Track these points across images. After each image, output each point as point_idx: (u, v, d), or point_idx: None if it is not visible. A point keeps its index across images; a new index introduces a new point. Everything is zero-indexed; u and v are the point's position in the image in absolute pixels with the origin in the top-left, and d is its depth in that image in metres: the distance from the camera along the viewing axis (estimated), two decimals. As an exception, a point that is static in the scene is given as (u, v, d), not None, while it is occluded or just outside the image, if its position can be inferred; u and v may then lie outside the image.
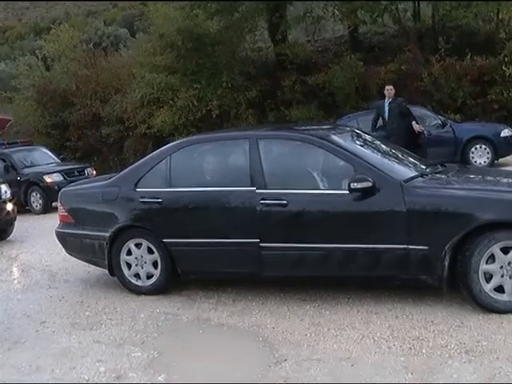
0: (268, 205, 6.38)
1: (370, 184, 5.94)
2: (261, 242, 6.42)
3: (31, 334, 6.39)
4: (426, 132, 13.84)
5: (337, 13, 22.08)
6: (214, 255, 6.73)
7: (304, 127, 8.04)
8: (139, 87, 22.21)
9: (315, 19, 22.70)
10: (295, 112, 19.71)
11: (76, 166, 18.83)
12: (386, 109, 13.56)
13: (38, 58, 31.08)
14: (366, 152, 6.84)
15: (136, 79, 23.10)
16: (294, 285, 6.89)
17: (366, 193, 6.00)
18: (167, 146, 7.55)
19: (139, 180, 7.29)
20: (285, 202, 6.30)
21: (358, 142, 7.12)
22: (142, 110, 22.29)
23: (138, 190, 7.23)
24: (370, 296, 6.39)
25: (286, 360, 5.14)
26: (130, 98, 23.00)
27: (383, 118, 13.50)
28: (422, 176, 6.52)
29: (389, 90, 13.71)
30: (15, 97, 27.54)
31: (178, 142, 7.86)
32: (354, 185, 5.99)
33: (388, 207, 6.01)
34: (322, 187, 6.46)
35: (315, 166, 6.68)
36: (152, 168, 7.29)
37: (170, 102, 21.24)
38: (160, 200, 6.99)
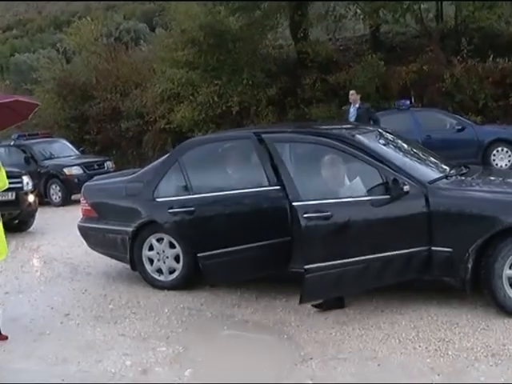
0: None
1: (408, 188, 5.87)
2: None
3: (56, 325, 6.44)
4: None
5: (359, 12, 21.97)
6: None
7: (326, 127, 7.86)
8: (159, 82, 22.23)
9: (337, 18, 22.59)
10: (315, 110, 19.64)
11: (96, 160, 18.91)
12: (352, 115, 13.50)
13: (58, 51, 31.18)
14: (392, 153, 6.75)
15: (156, 74, 23.13)
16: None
17: (397, 196, 5.89)
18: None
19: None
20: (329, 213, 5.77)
21: (382, 142, 7.04)
22: (161, 105, 22.31)
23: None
24: (394, 296, 6.36)
25: (311, 358, 5.14)
26: (150, 92, 23.02)
27: None
28: (446, 177, 6.50)
29: (353, 94, 13.75)
30: (35, 89, 27.63)
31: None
32: (397, 189, 5.87)
33: (414, 209, 5.97)
34: (355, 194, 6.09)
35: (344, 170, 6.35)
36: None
37: (190, 97, 21.23)
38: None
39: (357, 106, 13.62)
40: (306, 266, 5.63)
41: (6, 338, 6.08)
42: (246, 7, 21.25)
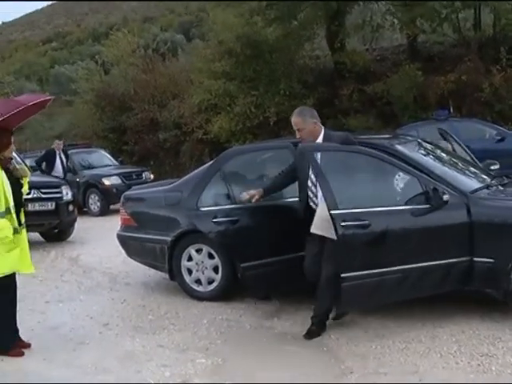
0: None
1: (448, 197, 5.81)
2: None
3: (95, 335, 6.46)
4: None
5: (396, 22, 21.87)
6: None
7: (365, 136, 7.80)
8: (197, 93, 22.34)
9: (374, 28, 22.51)
10: (353, 121, 19.54)
11: (134, 170, 19.06)
12: None
13: (97, 62, 31.52)
14: (432, 162, 6.72)
15: (194, 85, 23.25)
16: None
17: (437, 206, 5.81)
18: None
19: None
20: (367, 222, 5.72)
21: (422, 152, 6.98)
22: (199, 116, 22.43)
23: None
24: (434, 309, 6.29)
25: (352, 372, 5.09)
26: (187, 103, 23.16)
27: None
28: (487, 187, 6.43)
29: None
30: (74, 100, 27.98)
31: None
32: (437, 198, 5.81)
33: (455, 219, 5.91)
34: (394, 203, 6.00)
35: (383, 180, 6.27)
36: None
37: (228, 108, 21.29)
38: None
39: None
40: (343, 275, 5.58)
41: (29, 345, 6.10)
42: (282, 17, 21.28)
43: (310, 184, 5.93)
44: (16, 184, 6.00)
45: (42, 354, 5.94)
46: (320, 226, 5.77)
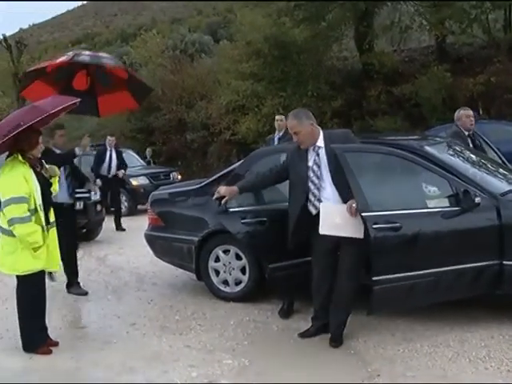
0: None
1: (480, 200, 5.75)
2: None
3: (122, 334, 6.49)
4: None
5: (425, 23, 21.73)
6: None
7: (394, 137, 7.76)
8: (225, 94, 22.39)
9: (402, 29, 22.38)
10: (380, 122, 19.45)
11: (162, 170, 19.10)
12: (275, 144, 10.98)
13: (125, 63, 31.67)
14: (462, 164, 6.63)
15: (221, 86, 23.31)
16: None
17: (468, 208, 5.76)
18: None
19: None
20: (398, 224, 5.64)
21: (452, 154, 6.89)
22: (227, 117, 22.47)
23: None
24: (462, 313, 6.24)
25: (379, 375, 5.05)
26: (215, 104, 23.22)
27: None
28: (517, 189, 6.35)
29: (278, 121, 11.33)
30: (103, 101, 28.15)
31: None
32: (468, 200, 5.75)
33: (485, 222, 5.84)
34: (424, 205, 5.94)
35: (413, 181, 6.25)
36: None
37: (255, 109, 21.28)
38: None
39: (280, 134, 11.16)
40: (375, 278, 5.53)
41: (57, 344, 6.15)
42: (311, 18, 21.22)
43: (311, 186, 5.77)
44: (45, 183, 6.05)
45: (70, 352, 5.97)
46: (337, 226, 5.60)
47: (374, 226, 5.52)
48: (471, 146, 8.24)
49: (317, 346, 5.79)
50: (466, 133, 8.60)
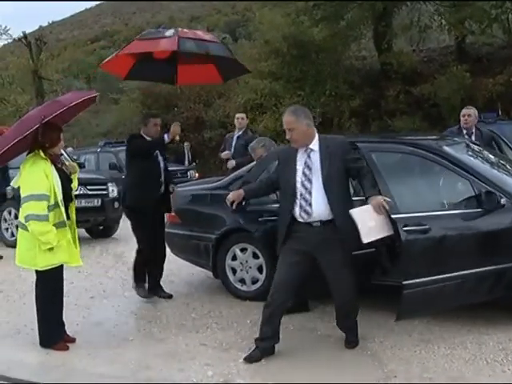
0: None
1: (505, 201, 5.71)
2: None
3: (139, 332, 6.51)
4: None
5: (444, 23, 21.62)
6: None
7: (415, 138, 7.73)
8: (243, 92, 22.42)
9: (422, 29, 22.28)
10: (399, 122, 19.39)
11: (179, 168, 19.11)
12: (233, 143, 10.88)
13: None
14: (482, 165, 6.56)
15: (240, 84, 23.31)
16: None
17: (491, 210, 5.72)
18: None
19: None
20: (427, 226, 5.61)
21: (471, 154, 6.84)
22: (244, 115, 22.48)
23: None
24: (480, 315, 6.18)
25: (395, 376, 5.01)
26: (233, 102, 23.24)
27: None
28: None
29: (239, 119, 11.05)
30: (121, 98, 28.25)
31: None
32: (492, 202, 5.72)
33: (506, 224, 5.78)
34: (450, 206, 5.97)
35: (434, 182, 6.35)
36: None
37: (273, 108, 21.27)
38: None
39: (239, 133, 10.88)
40: (405, 282, 5.46)
41: (74, 340, 6.17)
42: (329, 17, 21.18)
43: (302, 190, 5.42)
44: (66, 179, 6.08)
45: (87, 349, 5.98)
46: (372, 229, 5.28)
47: (405, 229, 5.46)
48: None
49: (333, 347, 5.75)
50: (464, 131, 8.76)
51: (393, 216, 5.37)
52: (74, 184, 6.34)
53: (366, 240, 5.23)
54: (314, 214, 5.34)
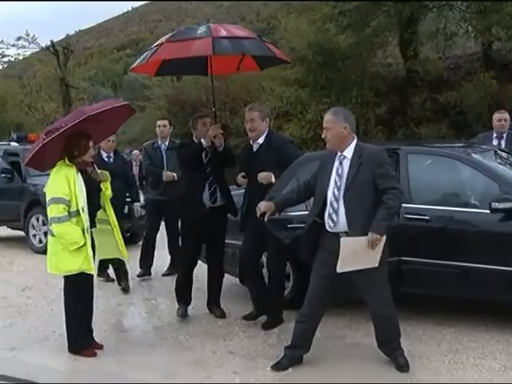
0: (410, 219, 6.33)
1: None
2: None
3: (166, 339, 6.53)
4: None
5: (471, 29, 21.48)
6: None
7: (442, 145, 7.86)
8: (268, 100, 22.38)
9: (448, 36, 22.15)
10: (425, 130, 19.24)
11: (204, 175, 19.09)
12: (164, 155, 9.96)
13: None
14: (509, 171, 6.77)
15: (265, 92, 23.31)
16: (429, 308, 6.72)
17: (509, 213, 5.90)
18: None
19: None
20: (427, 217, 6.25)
21: (499, 161, 7.02)
22: (270, 123, 22.46)
23: None
24: (509, 325, 6.13)
25: (424, 386, 4.99)
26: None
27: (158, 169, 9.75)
28: None
29: (161, 126, 10.28)
30: (147, 106, 28.40)
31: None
32: (495, 205, 5.93)
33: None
34: (464, 205, 6.33)
35: (459, 183, 6.62)
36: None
37: (299, 115, 21.24)
38: None
39: (166, 143, 10.16)
40: None
41: (102, 347, 6.21)
42: (355, 25, 21.12)
43: (331, 198, 5.39)
44: (93, 188, 6.14)
45: (114, 355, 6.03)
46: (356, 260, 5.19)
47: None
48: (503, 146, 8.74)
49: (361, 355, 5.74)
50: (494, 134, 8.81)
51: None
52: (108, 192, 6.41)
53: (340, 270, 5.18)
54: (340, 223, 5.31)
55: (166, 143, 10.02)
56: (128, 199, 11.97)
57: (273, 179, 6.49)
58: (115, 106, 6.33)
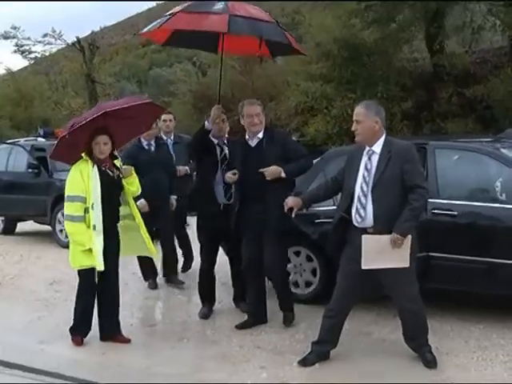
0: (438, 214, 6.34)
1: None
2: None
3: (193, 333, 6.59)
4: None
5: (498, 23, 21.26)
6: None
7: (468, 140, 7.79)
8: (294, 95, 22.34)
9: (475, 30, 21.95)
10: (451, 125, 19.09)
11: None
12: (171, 149, 9.35)
13: (194, 64, 31.96)
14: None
15: (291, 87, 23.26)
16: (455, 304, 6.69)
17: None
18: None
19: None
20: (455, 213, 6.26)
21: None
22: (296, 118, 22.41)
23: None
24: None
25: (452, 383, 4.96)
26: (284, 105, 23.18)
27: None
28: None
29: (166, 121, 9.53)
30: (172, 101, 28.47)
31: None
32: None
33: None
34: (492, 201, 6.28)
35: (487, 178, 6.54)
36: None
37: (325, 110, 21.16)
38: None
39: (171, 138, 9.60)
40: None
41: (129, 341, 6.29)
42: (381, 20, 21.01)
43: (359, 193, 5.34)
44: (111, 183, 6.17)
45: (141, 349, 6.10)
46: (379, 258, 5.17)
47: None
48: None
49: (388, 351, 5.73)
50: None
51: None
52: (133, 190, 6.42)
53: (364, 266, 5.17)
54: (367, 219, 5.28)
55: (172, 137, 9.62)
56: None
57: (282, 174, 6.36)
58: (137, 103, 6.36)
